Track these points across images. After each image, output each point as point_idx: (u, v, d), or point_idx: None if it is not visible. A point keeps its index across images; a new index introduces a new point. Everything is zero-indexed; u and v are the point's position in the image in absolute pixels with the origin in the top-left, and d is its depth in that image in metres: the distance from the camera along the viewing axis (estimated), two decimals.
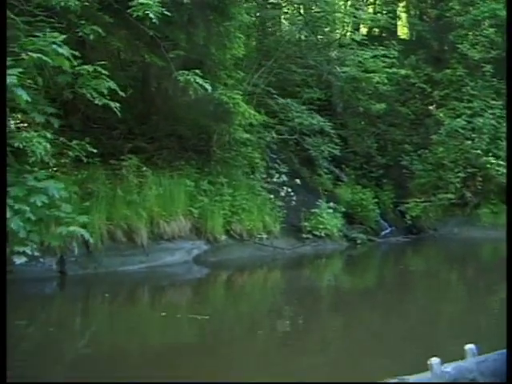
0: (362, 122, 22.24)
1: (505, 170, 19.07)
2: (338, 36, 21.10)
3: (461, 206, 20.00)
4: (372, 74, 19.64)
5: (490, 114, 19.49)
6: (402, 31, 29.83)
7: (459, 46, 19.95)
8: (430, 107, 20.74)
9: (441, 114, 19.81)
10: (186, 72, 11.64)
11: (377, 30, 30.45)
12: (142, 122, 16.25)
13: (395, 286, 12.33)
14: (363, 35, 28.76)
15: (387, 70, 19.94)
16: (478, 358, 3.98)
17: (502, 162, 19.19)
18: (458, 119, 19.18)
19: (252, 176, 15.57)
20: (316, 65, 19.34)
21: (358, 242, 17.04)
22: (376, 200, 19.10)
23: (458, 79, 20.24)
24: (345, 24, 30.97)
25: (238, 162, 15.52)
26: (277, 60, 17.99)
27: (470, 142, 19.45)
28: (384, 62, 20.07)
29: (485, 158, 19.33)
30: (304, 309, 10.01)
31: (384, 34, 29.00)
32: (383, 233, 18.95)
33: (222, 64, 13.83)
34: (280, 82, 20.74)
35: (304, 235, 16.00)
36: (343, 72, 19.73)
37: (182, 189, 13.80)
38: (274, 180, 15.52)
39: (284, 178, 15.76)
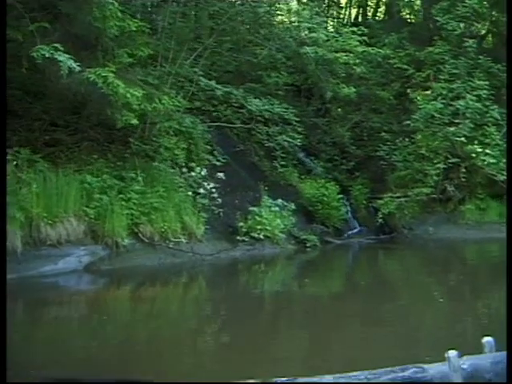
0: (339, 109, 20.05)
1: (492, 160, 16.62)
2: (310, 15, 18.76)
3: (443, 201, 17.56)
4: (339, 54, 17.40)
5: (475, 95, 16.94)
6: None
7: (439, 19, 17.45)
8: (410, 90, 18.22)
9: (418, 97, 17.34)
10: (43, 47, 9.75)
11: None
12: (72, 111, 14.55)
13: (320, 312, 9.37)
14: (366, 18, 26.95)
15: (357, 49, 17.71)
16: (494, 356, 3.90)
17: (489, 151, 16.69)
18: (433, 102, 16.71)
19: (173, 170, 13.56)
20: (268, 45, 17.15)
21: (308, 244, 14.84)
22: (341, 196, 16.85)
23: (441, 58, 17.73)
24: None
25: (159, 154, 13.55)
26: (218, 40, 15.91)
27: (452, 129, 16.96)
28: (354, 39, 17.85)
29: (469, 147, 16.83)
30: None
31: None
32: (348, 233, 16.72)
33: (121, 40, 11.89)
34: (243, 65, 18.81)
35: (239, 238, 13.94)
36: (312, 52, 17.53)
37: (74, 186, 11.92)
38: (193, 174, 13.42)
39: (204, 172, 13.62)
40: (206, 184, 13.42)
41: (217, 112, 16.27)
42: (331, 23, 28.07)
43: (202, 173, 13.53)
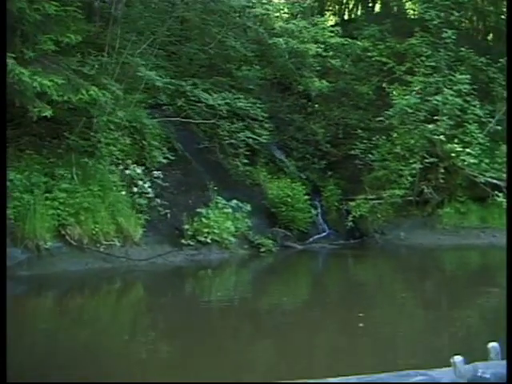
0: (316, 105, 18.91)
1: (472, 160, 15.39)
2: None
3: (420, 204, 16.32)
4: (309, 45, 16.29)
5: (455, 90, 15.68)
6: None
7: (415, 8, 16.24)
8: (386, 84, 16.97)
9: (394, 92, 16.12)
10: None
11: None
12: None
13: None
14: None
15: (330, 40, 16.62)
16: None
17: (470, 151, 15.43)
18: (407, 96, 15.49)
19: (112, 168, 12.54)
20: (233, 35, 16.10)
21: (262, 250, 13.74)
22: (308, 197, 15.70)
23: (420, 50, 16.50)
24: None
25: (98, 150, 12.55)
26: (171, 29, 14.88)
27: (430, 126, 15.72)
28: (327, 30, 16.80)
29: (449, 145, 15.58)
30: None
31: None
32: (313, 237, 15.55)
33: (47, 26, 10.90)
34: (216, 58, 17.76)
35: (184, 241, 12.89)
36: (284, 43, 16.48)
37: None
38: (127, 173, 12.37)
39: (138, 170, 12.54)
40: (141, 183, 12.34)
41: (171, 106, 15.22)
42: (332, 18, 27.18)
43: (138, 170, 12.46)
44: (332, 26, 16.96)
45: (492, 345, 3.83)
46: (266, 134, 15.88)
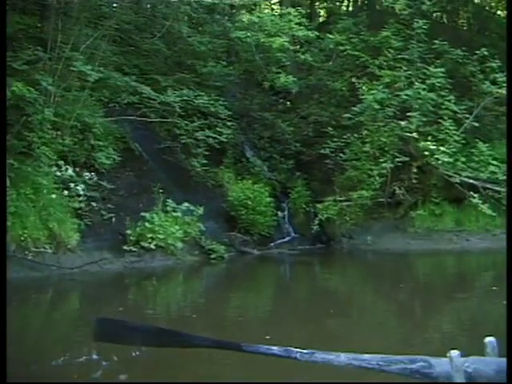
0: (288, 103, 18.06)
1: (447, 159, 14.42)
2: None
3: (392, 206, 15.35)
4: (273, 38, 15.41)
5: (428, 84, 14.70)
6: None
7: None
8: (355, 79, 16.05)
9: (363, 87, 15.19)
10: None
11: None
12: None
13: None
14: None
15: (298, 33, 15.73)
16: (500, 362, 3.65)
17: (444, 149, 14.44)
18: (373, 91, 14.54)
19: (48, 170, 11.71)
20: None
21: (213, 256, 12.85)
22: (271, 199, 14.80)
23: (392, 42, 15.55)
24: None
25: (33, 151, 11.75)
26: (123, 21, 14.08)
27: (403, 123, 14.76)
28: (294, 22, 15.89)
29: (422, 143, 14.60)
30: None
31: None
32: (275, 242, 14.64)
33: None
34: (178, 53, 17.03)
35: (126, 247, 12.06)
36: (245, 37, 15.70)
37: None
38: (58, 175, 11.52)
39: (70, 171, 11.70)
40: (72, 185, 11.50)
41: (118, 103, 14.43)
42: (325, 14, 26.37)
43: (70, 172, 11.62)
44: (299, 17, 15.88)
45: (489, 340, 3.76)
46: (228, 133, 15.04)
